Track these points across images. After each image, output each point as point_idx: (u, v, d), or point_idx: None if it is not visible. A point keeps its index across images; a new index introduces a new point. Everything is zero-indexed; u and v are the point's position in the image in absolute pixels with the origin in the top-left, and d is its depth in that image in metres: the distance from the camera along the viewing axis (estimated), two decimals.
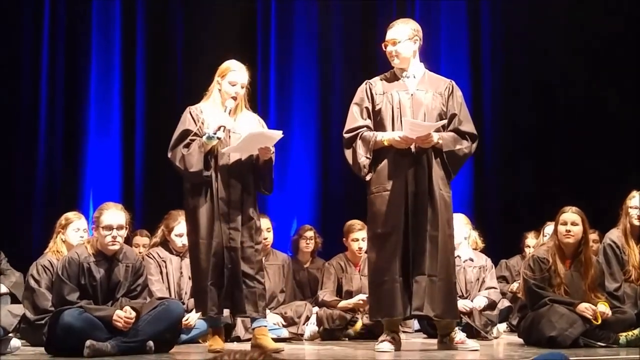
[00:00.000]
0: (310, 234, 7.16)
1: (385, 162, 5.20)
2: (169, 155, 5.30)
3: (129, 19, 8.26)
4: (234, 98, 5.35)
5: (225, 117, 5.28)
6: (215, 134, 5.18)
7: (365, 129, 5.26)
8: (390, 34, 5.31)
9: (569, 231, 5.67)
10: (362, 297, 6.53)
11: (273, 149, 5.33)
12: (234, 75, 5.37)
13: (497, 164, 8.51)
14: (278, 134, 5.28)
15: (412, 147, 5.17)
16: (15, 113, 7.96)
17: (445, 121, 5.26)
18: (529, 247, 7.35)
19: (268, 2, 8.56)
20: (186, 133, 5.28)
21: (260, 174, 5.39)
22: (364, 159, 5.21)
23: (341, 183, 8.38)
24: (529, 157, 8.52)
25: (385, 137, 5.18)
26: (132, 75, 8.21)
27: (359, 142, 5.23)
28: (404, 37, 5.29)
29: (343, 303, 6.57)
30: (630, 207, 6.15)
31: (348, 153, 5.30)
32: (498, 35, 8.72)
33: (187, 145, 5.24)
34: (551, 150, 8.46)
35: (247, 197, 5.34)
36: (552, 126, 8.51)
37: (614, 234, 6.14)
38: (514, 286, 6.98)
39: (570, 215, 5.71)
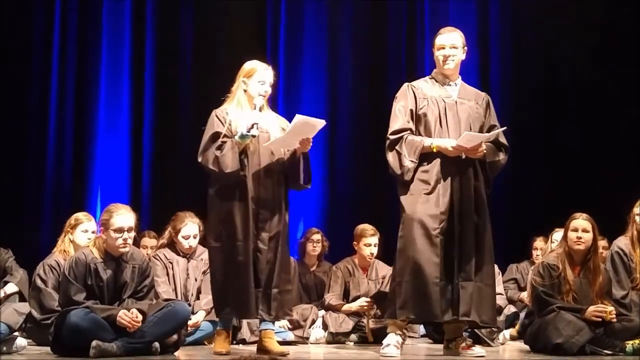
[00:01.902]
0: (317, 237, 7.16)
1: (431, 165, 5.20)
2: (200, 159, 5.25)
3: (139, 19, 8.27)
4: (263, 96, 5.35)
5: (257, 114, 5.27)
6: (249, 131, 5.15)
7: (409, 132, 5.26)
8: (450, 39, 5.36)
9: (580, 238, 5.67)
10: (365, 300, 6.54)
11: (312, 142, 5.31)
12: (262, 74, 5.38)
13: (504, 168, 8.48)
14: (321, 122, 5.25)
15: (462, 155, 5.21)
16: (25, 112, 7.96)
17: (499, 130, 5.33)
18: (537, 249, 7.34)
19: (278, 2, 8.56)
20: (216, 135, 5.25)
21: (299, 169, 5.37)
22: (409, 162, 5.20)
23: (348, 185, 8.38)
24: (537, 162, 8.50)
25: (434, 143, 5.20)
26: (142, 76, 8.22)
27: (403, 146, 5.22)
28: (460, 44, 5.38)
29: (347, 306, 6.58)
30: (637, 215, 6.13)
31: (391, 155, 5.26)
32: (507, 38, 8.71)
33: (220, 147, 5.21)
34: (560, 156, 8.43)
35: (278, 196, 5.33)
36: (560, 132, 8.49)
37: (622, 242, 6.11)
38: (524, 295, 6.95)
39: (581, 222, 5.71)
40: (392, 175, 5.30)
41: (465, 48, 5.41)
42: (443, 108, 5.30)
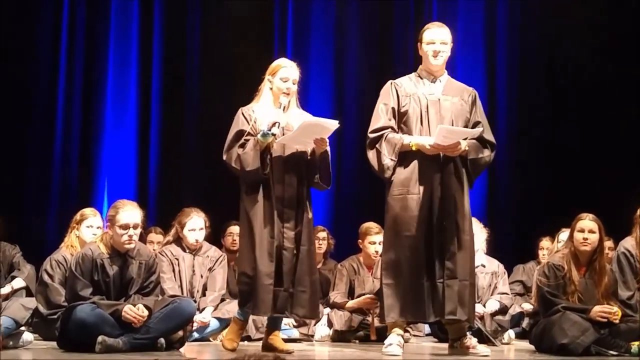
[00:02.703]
0: (322, 235, 7.16)
1: (410, 165, 5.18)
2: (224, 157, 5.24)
3: (147, 17, 8.29)
4: (287, 94, 5.33)
5: (279, 113, 5.25)
6: (270, 130, 5.13)
7: (389, 130, 5.24)
8: (441, 34, 5.32)
9: (587, 239, 5.65)
10: (367, 296, 6.54)
11: (327, 141, 5.27)
12: (285, 71, 5.35)
13: (510, 170, 8.49)
14: (334, 124, 5.20)
15: (440, 152, 5.18)
16: (32, 108, 7.99)
17: (480, 129, 5.27)
18: (543, 249, 7.33)
19: (285, 2, 8.57)
20: (240, 133, 5.24)
21: (317, 168, 5.35)
22: (388, 160, 5.18)
23: (353, 184, 8.38)
24: (537, 162, 8.50)
25: (413, 141, 5.16)
26: (149, 73, 8.24)
27: (383, 144, 5.20)
28: (449, 41, 5.34)
29: (350, 303, 6.59)
30: None
31: (371, 153, 5.26)
32: (514, 38, 8.71)
33: (243, 145, 5.20)
34: (560, 155, 8.42)
35: (302, 194, 5.32)
36: (560, 132, 8.49)
37: (628, 242, 6.10)
38: (527, 307, 6.92)
39: (588, 223, 5.69)
40: (374, 174, 5.29)
41: (452, 44, 5.37)
42: (425, 105, 5.25)
